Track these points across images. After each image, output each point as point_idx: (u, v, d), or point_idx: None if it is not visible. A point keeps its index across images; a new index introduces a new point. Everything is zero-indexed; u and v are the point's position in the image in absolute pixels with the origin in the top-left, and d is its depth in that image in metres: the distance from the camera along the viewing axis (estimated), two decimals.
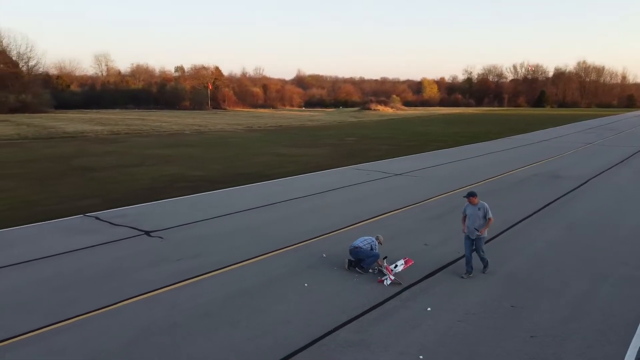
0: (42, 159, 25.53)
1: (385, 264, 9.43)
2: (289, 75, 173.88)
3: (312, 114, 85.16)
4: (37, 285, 8.98)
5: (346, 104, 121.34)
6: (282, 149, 31.41)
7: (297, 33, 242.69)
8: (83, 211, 14.45)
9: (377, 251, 9.56)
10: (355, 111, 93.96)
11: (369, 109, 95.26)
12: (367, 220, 13.59)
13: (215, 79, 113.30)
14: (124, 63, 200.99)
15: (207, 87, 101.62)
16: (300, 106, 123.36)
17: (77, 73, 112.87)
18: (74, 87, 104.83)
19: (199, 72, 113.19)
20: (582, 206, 15.71)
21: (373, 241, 9.66)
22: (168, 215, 14.13)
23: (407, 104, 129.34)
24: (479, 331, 7.30)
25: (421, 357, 6.55)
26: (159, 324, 7.43)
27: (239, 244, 11.40)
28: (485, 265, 9.56)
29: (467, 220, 9.41)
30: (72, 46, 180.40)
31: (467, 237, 9.39)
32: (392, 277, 9.09)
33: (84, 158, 25.95)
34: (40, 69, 79.66)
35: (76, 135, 38.04)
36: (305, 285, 8.96)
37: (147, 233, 12.33)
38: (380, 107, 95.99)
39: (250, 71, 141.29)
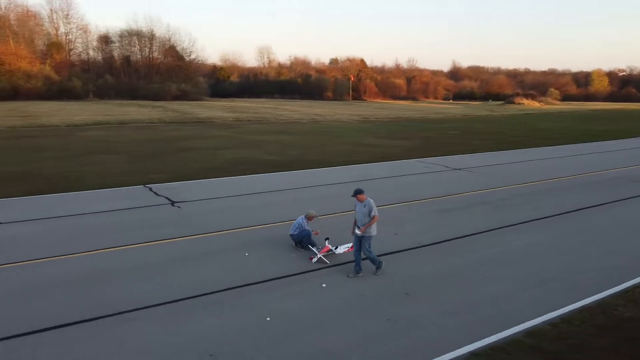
0: (159, 140, 30.01)
1: (326, 244, 10.26)
2: (445, 67, 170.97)
3: (446, 106, 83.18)
4: (73, 229, 11.70)
5: (497, 97, 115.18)
6: (372, 139, 32.20)
7: (448, 23, 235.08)
8: (145, 183, 17.35)
9: (307, 228, 10.41)
10: (497, 105, 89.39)
11: (512, 102, 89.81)
12: None
13: (360, 70, 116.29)
14: (283, 56, 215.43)
15: (350, 78, 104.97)
16: (445, 98, 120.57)
17: (240, 65, 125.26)
18: (233, 78, 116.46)
19: (343, 64, 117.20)
20: None
21: (301, 221, 10.51)
22: (202, 191, 16.33)
23: (568, 97, 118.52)
24: (350, 309, 7.91)
25: (268, 318, 7.50)
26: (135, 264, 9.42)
27: (230, 219, 12.99)
28: (377, 266, 9.26)
29: (356, 218, 9.28)
30: (238, 40, 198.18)
31: (355, 236, 9.21)
32: (320, 256, 9.90)
33: (191, 140, 29.85)
34: (200, 61, 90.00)
35: (205, 121, 43.18)
36: (247, 254, 10.24)
37: (172, 203, 14.61)
38: (526, 101, 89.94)
39: (404, 63, 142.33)
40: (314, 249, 10.13)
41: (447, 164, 22.10)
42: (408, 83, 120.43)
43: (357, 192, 9.31)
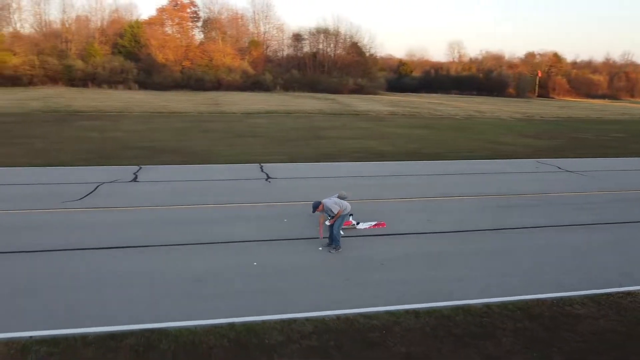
0: (304, 128, 33.61)
1: (350, 219, 11.85)
2: None
3: None
4: (187, 189, 15.38)
5: None
6: (511, 138, 31.11)
7: None
8: (261, 162, 20.60)
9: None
10: None
11: None
12: (424, 198, 15.13)
13: (551, 66, 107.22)
14: (475, 50, 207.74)
15: (537, 74, 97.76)
16: None
17: (425, 59, 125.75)
18: (416, 73, 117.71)
19: (533, 59, 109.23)
20: None
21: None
22: (298, 171, 18.94)
23: None
24: (323, 268, 9.55)
25: (255, 263, 9.58)
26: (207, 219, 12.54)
27: (298, 194, 15.21)
28: (335, 245, 10.22)
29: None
30: (426, 35, 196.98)
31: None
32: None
33: (331, 130, 32.77)
34: (378, 57, 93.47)
35: (360, 113, 45.96)
36: (285, 220, 12.39)
37: (267, 178, 17.46)
38: None
39: (616, 57, 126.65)
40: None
41: (564, 166, 20.94)
42: (610, 80, 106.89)
43: (314, 207, 10.26)
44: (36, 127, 30.16)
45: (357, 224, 11.88)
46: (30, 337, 6.68)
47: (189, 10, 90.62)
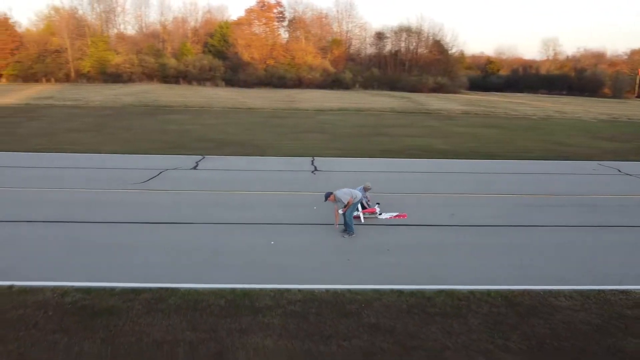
0: (370, 125, 34.31)
1: (375, 207, 12.67)
2: None
3: None
4: (236, 178, 16.95)
5: None
6: (581, 139, 29.79)
7: None
8: (315, 155, 21.73)
9: (360, 195, 12.71)
10: None
11: None
12: (456, 194, 15.44)
13: None
14: (572, 48, 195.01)
15: (637, 73, 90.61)
16: None
17: (513, 57, 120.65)
18: (504, 72, 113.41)
19: (635, 57, 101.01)
20: None
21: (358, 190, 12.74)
22: (345, 165, 19.83)
23: None
24: (331, 248, 10.45)
25: (272, 242, 10.68)
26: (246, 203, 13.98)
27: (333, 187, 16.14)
28: (349, 231, 11.12)
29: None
30: (518, 32, 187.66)
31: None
32: (361, 215, 12.27)
33: (396, 128, 33.21)
34: (460, 55, 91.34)
35: (432, 112, 45.73)
36: (315, 208, 13.38)
37: (313, 171, 18.57)
38: None
39: None
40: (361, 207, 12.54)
41: (626, 169, 20.03)
42: None
43: (328, 196, 11.21)
44: (125, 120, 33.54)
45: (380, 214, 12.63)
46: (71, 286, 8.27)
47: (275, 10, 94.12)
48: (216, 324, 7.27)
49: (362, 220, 12.28)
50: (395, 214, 12.74)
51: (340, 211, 11.27)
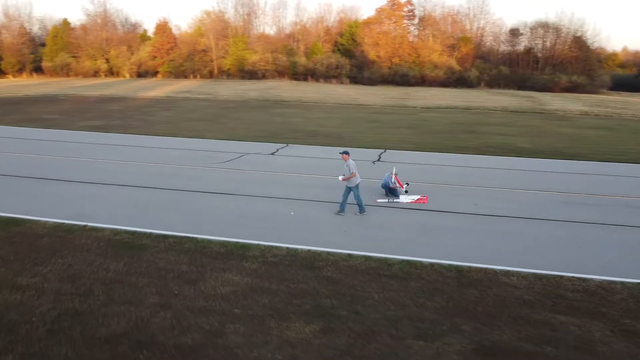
0: (464, 123, 34.26)
1: (404, 189, 14.15)
2: None
3: None
4: (304, 163, 19.26)
5: None
6: None
7: None
8: (387, 148, 23.10)
9: (389, 182, 14.12)
10: None
11: None
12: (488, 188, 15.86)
13: None
14: None
15: None
16: None
17: None
18: None
19: None
20: None
21: (387, 178, 14.19)
22: (410, 157, 20.95)
23: None
24: (336, 221, 12.07)
25: (292, 213, 12.60)
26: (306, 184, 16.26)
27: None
28: (361, 210, 12.48)
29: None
30: None
31: (346, 186, 12.59)
32: (340, 178, 12.80)
33: (491, 126, 32.77)
34: (601, 51, 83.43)
35: (547, 112, 43.49)
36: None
37: (375, 161, 20.08)
38: None
39: None
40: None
41: None
42: None
43: (344, 152, 12.63)
44: (240, 112, 37.75)
45: (406, 191, 13.98)
46: (124, 229, 11.09)
47: (405, 9, 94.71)
48: (208, 263, 9.45)
49: (387, 201, 13.70)
50: (416, 197, 13.87)
51: (340, 178, 12.59)
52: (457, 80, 78.57)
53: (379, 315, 7.61)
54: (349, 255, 9.97)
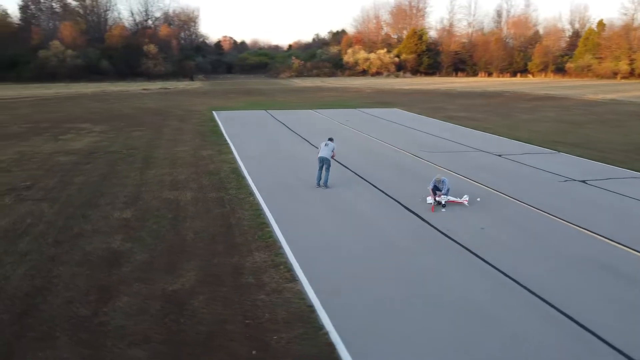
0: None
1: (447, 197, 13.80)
2: None
3: None
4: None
5: None
6: None
7: None
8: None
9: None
10: None
11: None
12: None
13: None
14: None
15: None
16: None
17: None
18: None
19: None
20: None
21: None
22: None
23: None
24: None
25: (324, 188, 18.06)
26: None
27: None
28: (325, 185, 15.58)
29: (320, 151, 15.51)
30: None
31: (320, 160, 15.46)
32: (433, 200, 13.72)
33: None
34: None
35: None
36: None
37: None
38: None
39: None
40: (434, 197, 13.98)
41: None
42: None
43: (330, 139, 16.06)
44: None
45: (447, 191, 13.72)
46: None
47: None
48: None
49: (430, 200, 13.94)
50: (458, 199, 13.86)
51: (319, 154, 15.79)
52: None
53: None
54: None
